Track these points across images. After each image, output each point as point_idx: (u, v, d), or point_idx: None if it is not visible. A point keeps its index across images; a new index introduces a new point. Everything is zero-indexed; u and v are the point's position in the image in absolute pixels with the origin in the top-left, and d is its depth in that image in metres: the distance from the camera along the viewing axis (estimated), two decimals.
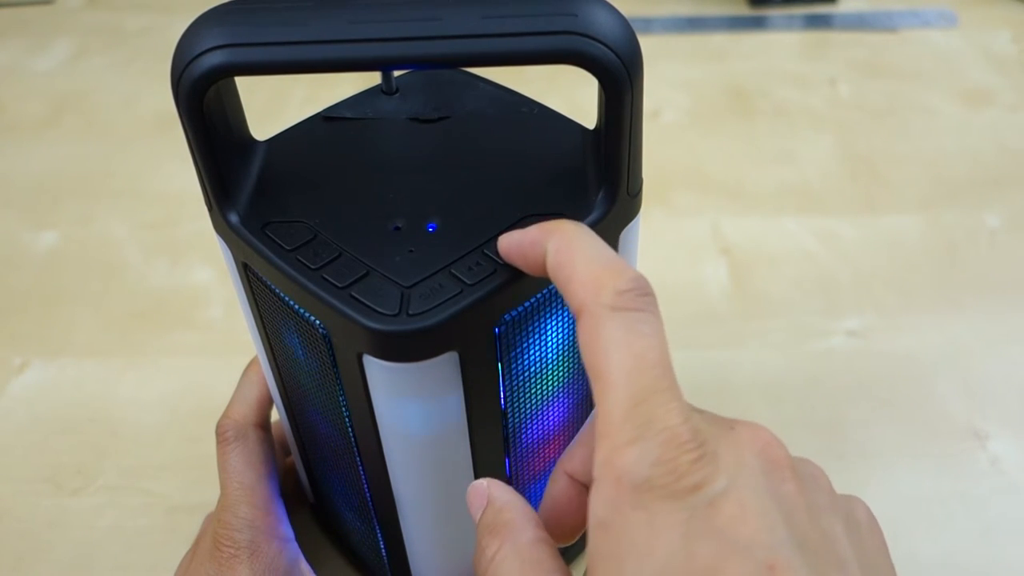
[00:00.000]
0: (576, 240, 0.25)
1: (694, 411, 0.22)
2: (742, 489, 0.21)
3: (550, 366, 0.32)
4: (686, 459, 0.21)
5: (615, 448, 0.21)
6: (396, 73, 0.35)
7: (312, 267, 0.27)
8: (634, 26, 0.26)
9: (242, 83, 0.30)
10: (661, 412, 0.21)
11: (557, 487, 0.26)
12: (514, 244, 0.26)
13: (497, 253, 0.27)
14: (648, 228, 0.34)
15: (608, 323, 0.22)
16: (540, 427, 0.34)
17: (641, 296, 0.23)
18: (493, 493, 0.25)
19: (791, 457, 0.23)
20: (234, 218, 0.29)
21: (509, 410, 0.31)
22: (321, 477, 0.40)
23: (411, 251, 0.28)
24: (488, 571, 0.24)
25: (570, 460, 0.26)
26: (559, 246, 0.25)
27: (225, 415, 0.39)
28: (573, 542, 0.26)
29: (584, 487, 0.26)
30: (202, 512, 0.41)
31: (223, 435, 0.38)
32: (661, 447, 0.21)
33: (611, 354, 0.22)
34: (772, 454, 0.22)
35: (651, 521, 0.20)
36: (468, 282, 0.27)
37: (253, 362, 0.41)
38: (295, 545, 0.38)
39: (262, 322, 0.33)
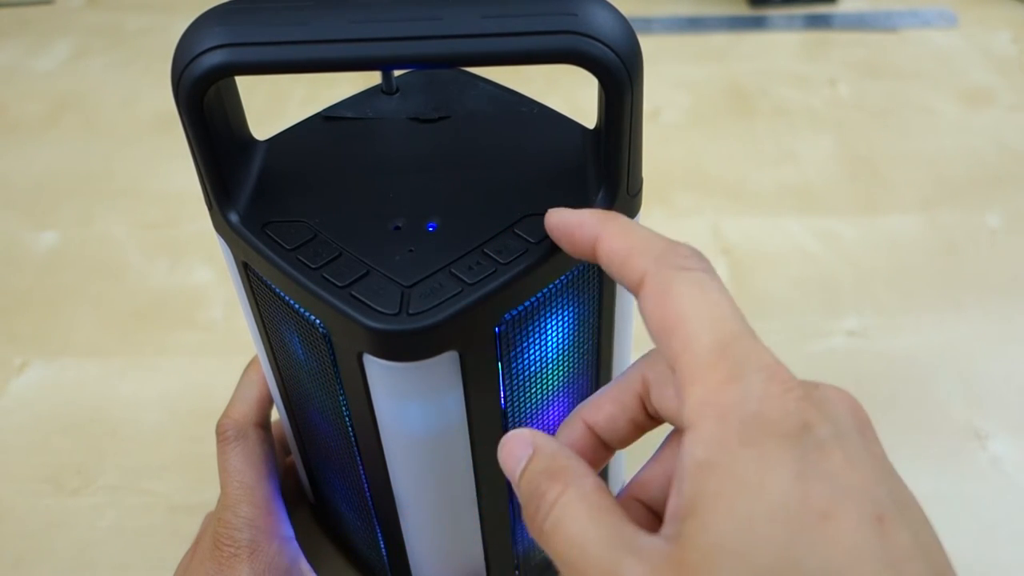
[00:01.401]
0: (630, 225, 0.25)
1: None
2: (846, 440, 0.21)
3: (550, 366, 0.32)
4: (792, 397, 0.21)
5: (714, 387, 0.21)
6: (396, 73, 0.35)
7: (312, 266, 0.27)
8: (634, 26, 0.26)
9: (242, 83, 0.30)
10: (755, 352, 0.21)
11: (573, 434, 0.26)
12: (563, 223, 0.26)
13: (497, 253, 0.27)
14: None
15: (678, 281, 0.23)
16: (540, 427, 0.34)
17: (701, 259, 0.24)
18: (539, 441, 0.24)
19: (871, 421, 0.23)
20: (234, 218, 0.29)
21: (509, 410, 0.31)
22: (321, 477, 0.40)
23: (411, 251, 0.28)
24: (551, 515, 0.22)
25: (595, 411, 0.26)
26: (614, 231, 0.25)
27: (225, 415, 0.39)
28: None
29: (600, 443, 0.26)
30: (202, 512, 0.41)
31: (223, 435, 0.38)
32: (765, 383, 0.21)
33: (687, 306, 0.22)
34: (861, 416, 0.23)
35: (762, 457, 0.20)
36: (468, 281, 0.27)
37: (253, 362, 0.41)
38: (295, 544, 0.38)
39: (262, 322, 0.33)
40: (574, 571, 0.21)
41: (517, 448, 0.24)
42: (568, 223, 0.26)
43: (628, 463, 0.43)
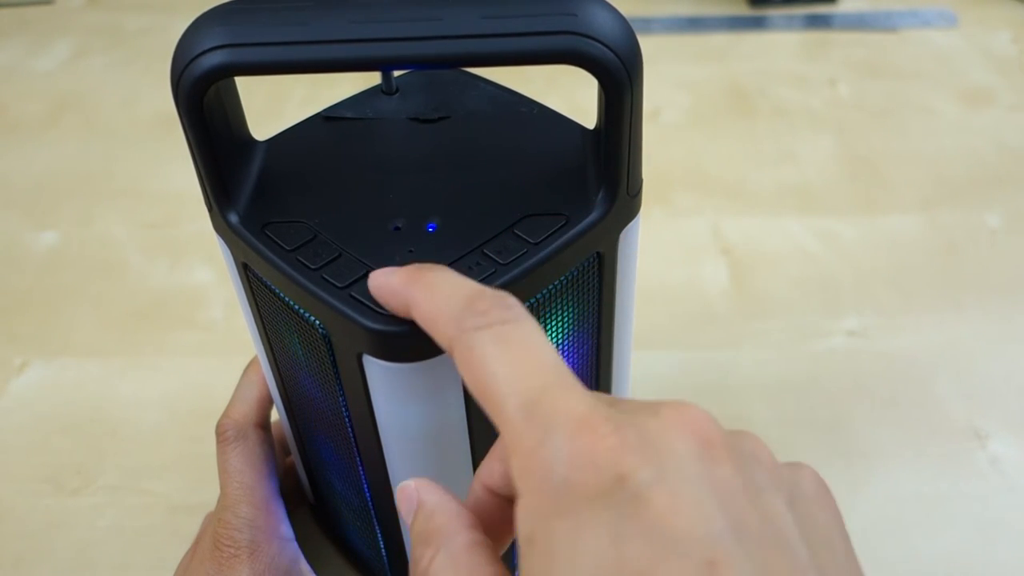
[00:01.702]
0: (433, 286, 0.24)
1: (606, 400, 0.21)
2: (672, 477, 0.19)
3: None
4: (603, 447, 0.19)
5: (526, 455, 0.20)
6: (396, 73, 0.35)
7: (312, 267, 0.27)
8: (634, 26, 0.26)
9: (242, 83, 0.30)
10: (562, 404, 0.20)
11: (473, 497, 0.25)
12: (378, 293, 0.26)
13: (497, 253, 0.27)
14: (648, 228, 0.34)
15: (478, 343, 0.22)
16: None
17: (504, 309, 0.22)
18: (422, 497, 0.23)
19: (725, 434, 0.21)
20: (234, 218, 0.29)
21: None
22: (321, 477, 0.40)
23: (411, 251, 0.28)
24: None
25: (487, 473, 0.25)
26: (420, 297, 0.24)
27: (225, 415, 0.39)
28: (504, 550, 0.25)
29: (506, 500, 0.25)
30: (202, 512, 0.41)
31: (223, 435, 0.38)
32: (571, 440, 0.19)
33: (490, 368, 0.21)
34: (703, 434, 0.20)
35: (576, 526, 0.18)
36: None
37: (253, 362, 0.41)
38: (295, 545, 0.38)
39: (262, 322, 0.33)
40: None
41: (403, 504, 0.24)
42: (381, 292, 0.25)
43: None
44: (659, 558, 0.18)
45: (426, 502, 0.23)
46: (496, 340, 0.22)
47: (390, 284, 0.25)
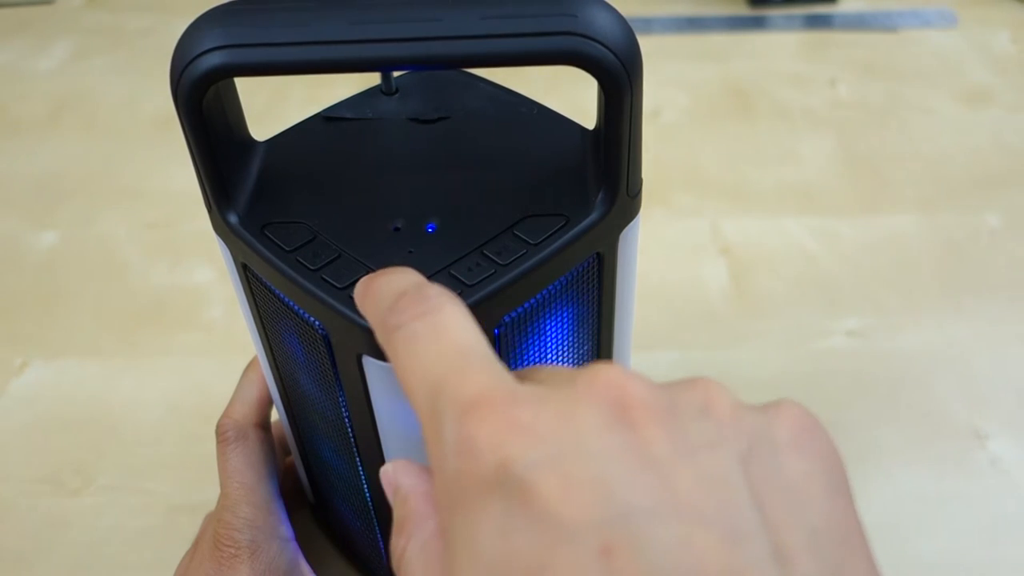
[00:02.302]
0: (372, 291, 0.23)
1: (524, 374, 0.20)
2: (566, 455, 0.17)
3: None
4: (484, 432, 0.17)
5: (431, 449, 0.19)
6: (396, 73, 0.35)
7: (311, 268, 0.27)
8: (634, 26, 0.26)
9: (242, 83, 0.30)
10: (456, 392, 0.19)
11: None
12: (358, 302, 0.25)
13: (497, 254, 0.27)
14: (648, 228, 0.34)
15: (396, 342, 0.21)
16: None
17: (421, 302, 0.21)
18: (398, 479, 0.22)
19: (658, 392, 0.19)
20: (233, 219, 0.29)
21: None
22: (321, 477, 0.40)
23: (411, 252, 0.28)
24: (398, 573, 0.21)
25: None
26: (363, 305, 0.24)
27: (225, 415, 0.39)
28: None
29: None
30: (202, 512, 0.41)
31: (223, 435, 0.38)
32: (455, 428, 0.18)
33: (404, 368, 0.20)
34: (619, 399, 0.18)
35: (469, 520, 0.17)
36: (467, 283, 0.27)
37: (253, 362, 0.41)
38: (295, 545, 0.38)
39: (262, 322, 0.33)
40: None
41: (386, 490, 0.23)
42: (356, 302, 0.25)
43: None
44: (548, 550, 0.16)
45: (401, 485, 0.22)
46: (408, 337, 0.21)
47: (356, 293, 0.25)
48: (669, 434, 0.18)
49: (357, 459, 0.33)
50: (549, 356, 0.31)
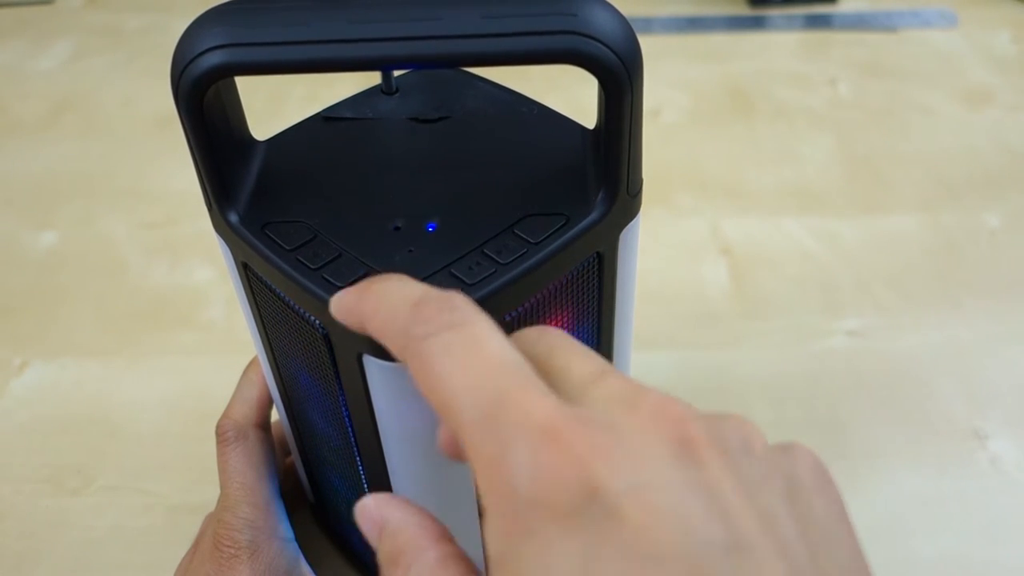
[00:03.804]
0: (380, 297, 0.22)
1: (582, 392, 0.20)
2: (649, 486, 0.17)
3: None
4: (570, 459, 0.17)
5: (487, 471, 0.18)
6: (396, 73, 0.35)
7: (312, 267, 0.27)
8: (634, 26, 0.26)
9: (242, 83, 0.30)
10: (523, 412, 0.18)
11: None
12: (338, 314, 0.24)
13: (497, 253, 0.27)
14: (648, 228, 0.34)
15: (427, 354, 0.20)
16: None
17: (450, 312, 0.21)
18: (384, 514, 0.22)
19: (708, 427, 0.19)
20: (234, 218, 0.29)
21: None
22: (321, 477, 0.40)
23: (411, 251, 0.28)
24: None
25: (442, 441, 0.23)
26: (369, 313, 0.23)
27: (225, 415, 0.39)
28: None
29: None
30: (202, 512, 0.41)
31: (223, 435, 0.38)
32: (534, 451, 0.18)
33: (443, 378, 0.19)
34: (683, 433, 0.18)
35: (545, 548, 0.17)
36: (468, 282, 0.27)
37: (253, 362, 0.41)
38: (295, 545, 0.38)
39: (262, 322, 0.33)
40: None
41: (366, 525, 0.22)
42: (339, 314, 0.24)
43: None
44: None
45: (389, 519, 0.22)
46: (445, 347, 0.20)
47: (344, 304, 0.24)
48: (727, 471, 0.18)
49: (357, 459, 0.33)
50: None
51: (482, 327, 0.20)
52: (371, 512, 0.22)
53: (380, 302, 0.22)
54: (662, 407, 0.19)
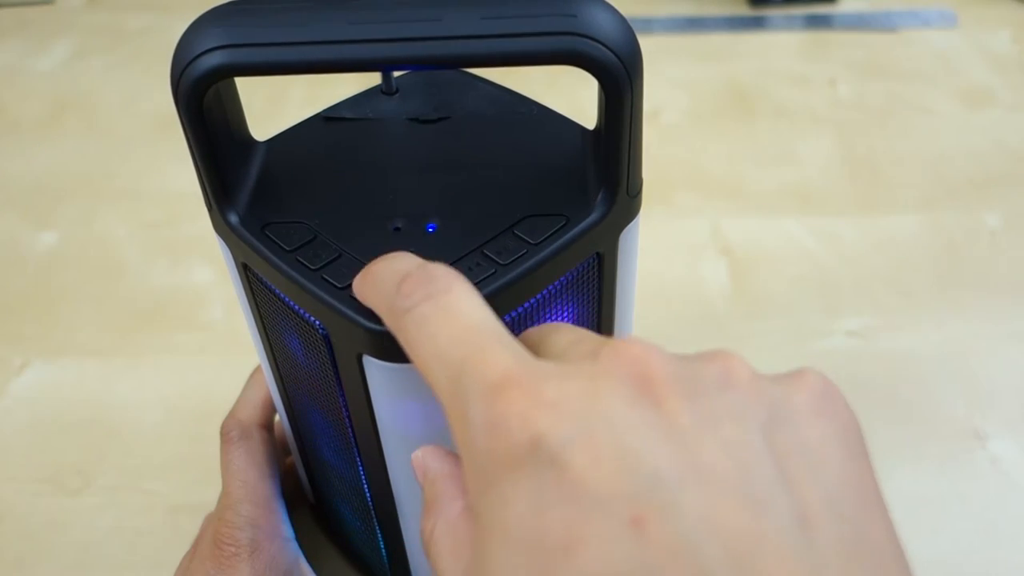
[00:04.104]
0: (374, 277, 0.24)
1: (556, 353, 0.20)
2: (594, 431, 0.17)
3: None
4: (515, 411, 0.18)
5: (456, 429, 0.19)
6: (396, 73, 0.35)
7: (312, 267, 0.27)
8: (634, 26, 0.26)
9: (242, 83, 0.30)
10: (479, 373, 0.19)
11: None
12: (358, 297, 0.25)
13: (497, 254, 0.27)
14: (648, 228, 0.34)
15: (406, 326, 0.21)
16: None
17: (427, 284, 0.22)
18: (426, 463, 0.23)
19: (673, 366, 0.19)
20: (234, 218, 0.29)
21: None
22: (321, 477, 0.40)
23: (411, 251, 0.28)
24: (427, 552, 0.22)
25: None
26: (365, 292, 0.24)
27: (230, 415, 0.39)
28: None
29: None
30: (203, 512, 0.41)
31: (227, 435, 0.38)
32: (484, 408, 0.18)
33: (419, 351, 0.21)
34: (642, 373, 0.18)
35: (501, 498, 0.18)
36: None
37: (259, 365, 0.41)
38: (295, 545, 0.38)
39: (262, 322, 0.33)
40: None
41: (416, 473, 0.24)
42: (357, 296, 0.25)
43: None
44: (580, 523, 0.16)
45: (429, 468, 0.23)
46: (420, 320, 0.21)
47: (354, 285, 0.25)
48: (692, 407, 0.18)
49: (357, 459, 0.33)
50: None
51: (457, 295, 0.21)
52: (417, 461, 0.23)
53: (375, 279, 0.24)
54: (623, 349, 0.19)
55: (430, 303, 0.21)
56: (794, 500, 0.17)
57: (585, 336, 0.22)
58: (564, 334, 0.22)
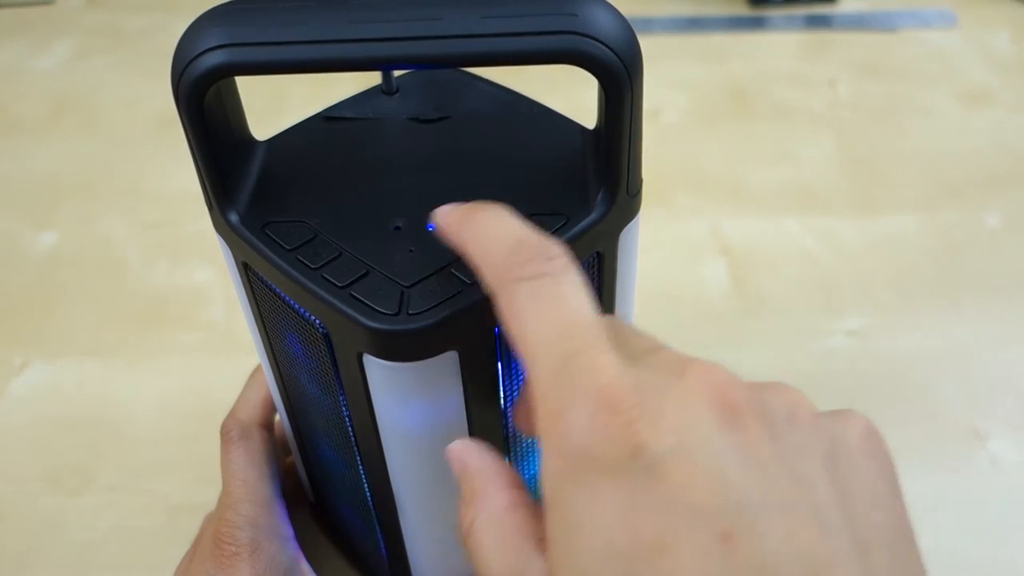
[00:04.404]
0: (484, 228, 0.24)
1: (638, 359, 0.21)
2: (691, 448, 0.19)
3: None
4: (621, 421, 0.19)
5: (548, 418, 0.20)
6: (396, 73, 0.35)
7: (312, 267, 0.27)
8: (634, 26, 0.26)
9: (242, 83, 0.30)
10: (587, 373, 0.20)
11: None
12: (440, 230, 0.26)
13: None
14: (648, 228, 0.34)
15: (517, 297, 0.22)
16: None
17: (545, 261, 0.22)
18: (464, 459, 0.24)
19: (753, 396, 0.20)
20: (234, 218, 0.29)
21: (509, 410, 0.31)
22: (321, 477, 0.40)
23: (411, 250, 0.28)
24: (467, 544, 0.22)
25: (521, 418, 0.25)
26: (468, 240, 0.24)
27: (230, 415, 0.39)
28: None
29: None
30: (203, 512, 0.41)
31: (227, 435, 0.38)
32: (592, 412, 0.19)
33: (524, 325, 0.21)
34: (728, 400, 0.20)
35: (594, 498, 0.19)
36: (468, 281, 0.27)
37: (259, 365, 0.41)
38: (296, 544, 0.38)
39: (262, 322, 0.33)
40: None
41: (452, 465, 0.24)
42: (442, 226, 0.25)
43: None
44: (672, 530, 0.18)
45: (468, 464, 0.24)
46: (532, 295, 0.21)
47: (449, 219, 0.25)
48: (770, 438, 0.20)
49: (357, 459, 0.33)
50: None
51: (571, 282, 0.22)
52: (454, 455, 0.24)
53: (483, 231, 0.24)
54: (708, 374, 0.20)
55: (545, 282, 0.22)
56: (854, 528, 0.19)
57: (658, 345, 0.23)
58: (641, 340, 0.23)
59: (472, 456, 0.24)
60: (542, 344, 0.21)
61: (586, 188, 0.29)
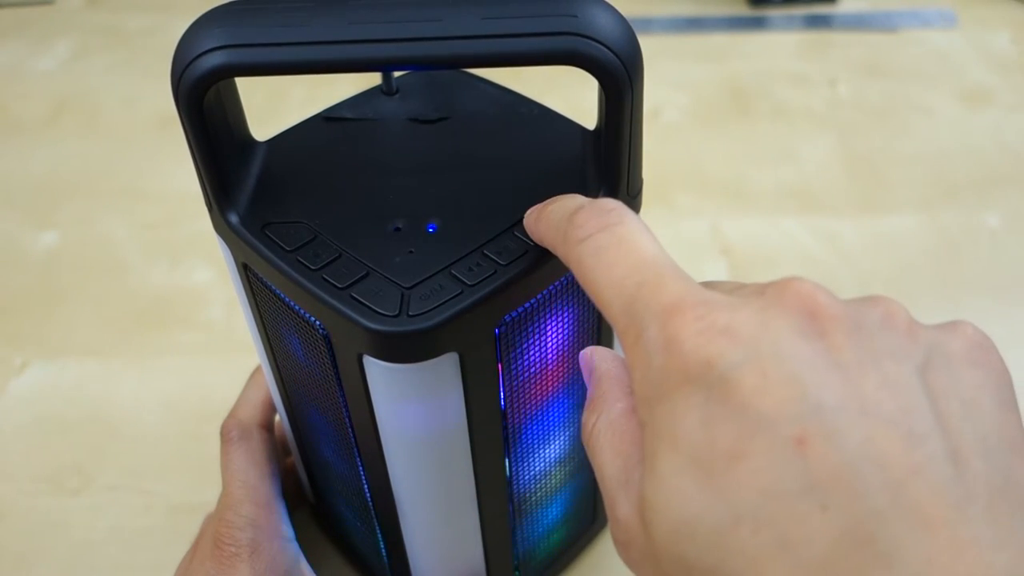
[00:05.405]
0: (548, 213, 0.26)
1: (715, 285, 0.22)
2: (764, 356, 0.19)
3: (550, 366, 0.32)
4: (690, 333, 0.19)
5: (630, 351, 0.21)
6: (396, 74, 0.35)
7: (312, 268, 0.27)
8: (634, 26, 0.26)
9: (242, 83, 0.30)
10: (654, 299, 0.21)
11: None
12: (529, 234, 0.27)
13: (497, 254, 0.28)
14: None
15: (581, 257, 0.23)
16: (540, 427, 0.34)
17: (601, 216, 0.23)
18: (595, 363, 0.24)
19: (838, 304, 0.20)
20: (234, 218, 0.29)
21: (509, 410, 0.31)
22: (321, 477, 0.40)
23: (411, 252, 0.28)
24: (588, 444, 0.23)
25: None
26: (538, 229, 0.26)
27: (230, 415, 0.39)
28: None
29: None
30: (203, 512, 0.41)
31: (227, 435, 0.38)
32: (661, 330, 0.20)
33: (596, 280, 0.22)
34: (809, 308, 0.20)
35: (672, 410, 0.19)
36: (468, 283, 0.27)
37: (259, 365, 0.41)
38: (296, 545, 0.38)
39: (262, 322, 0.33)
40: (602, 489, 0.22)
41: (583, 369, 0.25)
42: (528, 233, 0.27)
43: None
44: (746, 437, 0.18)
45: (596, 367, 0.24)
46: (595, 251, 0.23)
47: (527, 224, 0.27)
48: (855, 343, 0.19)
49: (357, 459, 0.33)
50: (550, 356, 0.31)
51: (630, 226, 0.23)
52: (586, 359, 0.25)
53: (548, 217, 0.25)
54: (790, 286, 0.20)
55: (605, 233, 0.23)
56: (947, 437, 0.18)
57: (747, 284, 0.23)
58: (727, 284, 0.23)
59: (601, 360, 0.24)
60: (613, 288, 0.22)
61: (586, 188, 0.29)
